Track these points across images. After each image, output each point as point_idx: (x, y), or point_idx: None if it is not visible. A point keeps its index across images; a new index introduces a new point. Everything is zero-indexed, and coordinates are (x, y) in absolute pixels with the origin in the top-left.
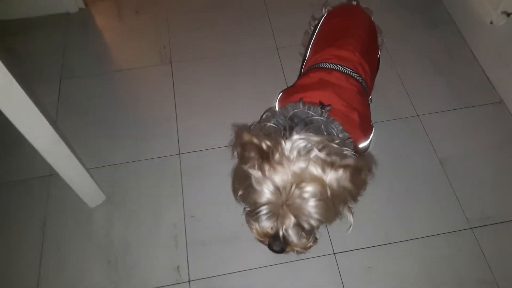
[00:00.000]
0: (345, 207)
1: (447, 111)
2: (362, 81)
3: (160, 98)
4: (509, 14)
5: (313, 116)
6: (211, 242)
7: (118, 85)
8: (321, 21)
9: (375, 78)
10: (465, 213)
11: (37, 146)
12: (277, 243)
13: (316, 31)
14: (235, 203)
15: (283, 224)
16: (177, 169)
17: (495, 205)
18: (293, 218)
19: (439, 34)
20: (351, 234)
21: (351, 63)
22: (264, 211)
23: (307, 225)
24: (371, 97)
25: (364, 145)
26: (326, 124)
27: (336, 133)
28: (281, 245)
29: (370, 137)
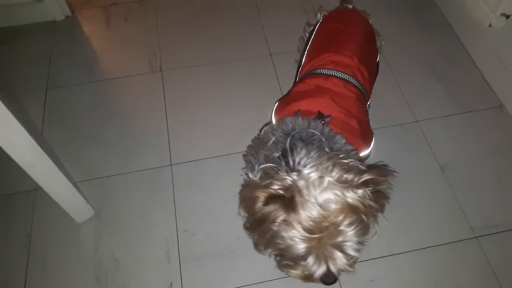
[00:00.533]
0: (375, 220)
1: (446, 117)
2: (360, 87)
3: (150, 107)
4: (508, 16)
5: (314, 131)
6: (205, 257)
7: (106, 95)
8: (316, 27)
9: (374, 83)
10: (469, 222)
11: (18, 160)
12: (331, 277)
13: (311, 36)
14: (230, 216)
15: (335, 264)
16: (169, 181)
17: (500, 212)
18: (340, 253)
19: (436, 39)
20: None
21: (349, 69)
22: (310, 260)
23: (353, 252)
24: (369, 103)
25: (365, 153)
26: (328, 139)
27: (339, 148)
28: (334, 277)
29: (371, 145)
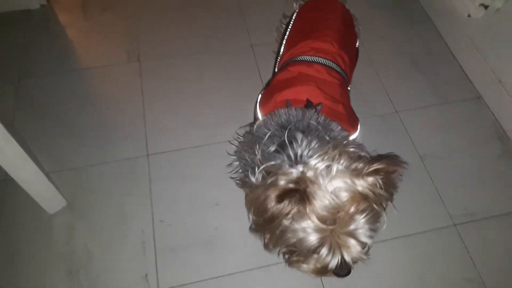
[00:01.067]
0: (384, 208)
1: (426, 107)
2: (342, 73)
3: (127, 97)
4: (486, 6)
5: (310, 121)
6: (182, 247)
7: (81, 84)
8: (293, 16)
9: (355, 68)
10: (448, 210)
11: None
12: (344, 268)
13: (289, 26)
14: (208, 206)
15: (349, 252)
16: (145, 171)
17: (477, 200)
18: (354, 241)
19: (417, 32)
20: None
21: (330, 55)
22: (324, 250)
23: (367, 239)
24: (349, 88)
25: (354, 137)
26: (324, 127)
27: (336, 135)
28: (348, 267)
29: (358, 128)
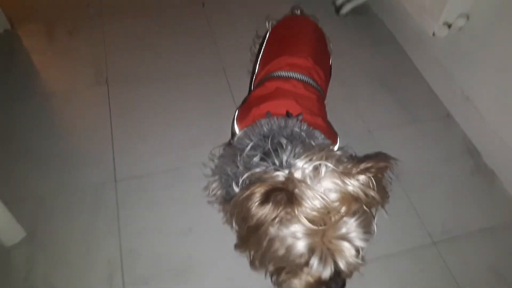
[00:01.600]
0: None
1: (398, 126)
2: (318, 88)
3: (94, 121)
4: (450, 25)
5: (293, 129)
6: (154, 278)
7: (46, 109)
8: (267, 36)
9: (328, 85)
10: (426, 228)
11: None
12: (338, 280)
13: (262, 45)
14: (181, 233)
15: (343, 257)
16: (113, 198)
17: (454, 217)
18: (347, 243)
19: (385, 53)
20: None
21: (306, 70)
22: (315, 260)
23: (360, 242)
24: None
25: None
26: (308, 135)
27: (321, 143)
28: (342, 280)
29: (337, 142)
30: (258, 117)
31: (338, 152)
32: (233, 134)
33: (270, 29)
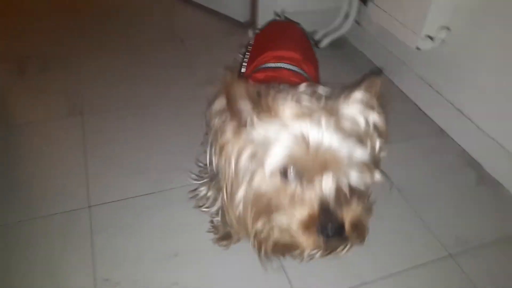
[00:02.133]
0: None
1: (391, 144)
2: (310, 80)
3: (67, 149)
4: (432, 38)
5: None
6: None
7: (16, 140)
8: (250, 42)
9: None
10: (440, 240)
11: None
12: (333, 219)
13: (247, 52)
14: (163, 259)
15: (337, 171)
16: (86, 225)
17: (467, 228)
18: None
19: (364, 77)
20: (315, 275)
21: (295, 62)
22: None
23: (360, 151)
24: None
25: None
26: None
27: None
28: (338, 219)
29: None
30: None
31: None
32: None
33: (253, 38)
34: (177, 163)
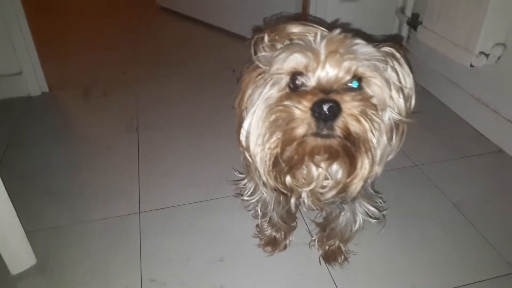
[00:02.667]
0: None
1: (446, 161)
2: None
3: (122, 161)
4: (487, 55)
5: None
6: None
7: (76, 154)
8: None
9: None
10: (504, 257)
11: None
12: (329, 100)
13: None
14: (210, 262)
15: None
16: (136, 229)
17: None
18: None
19: (417, 103)
20: (364, 282)
21: None
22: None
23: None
24: None
25: None
26: None
27: None
28: (330, 99)
29: None
30: None
31: None
32: None
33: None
34: (226, 175)
